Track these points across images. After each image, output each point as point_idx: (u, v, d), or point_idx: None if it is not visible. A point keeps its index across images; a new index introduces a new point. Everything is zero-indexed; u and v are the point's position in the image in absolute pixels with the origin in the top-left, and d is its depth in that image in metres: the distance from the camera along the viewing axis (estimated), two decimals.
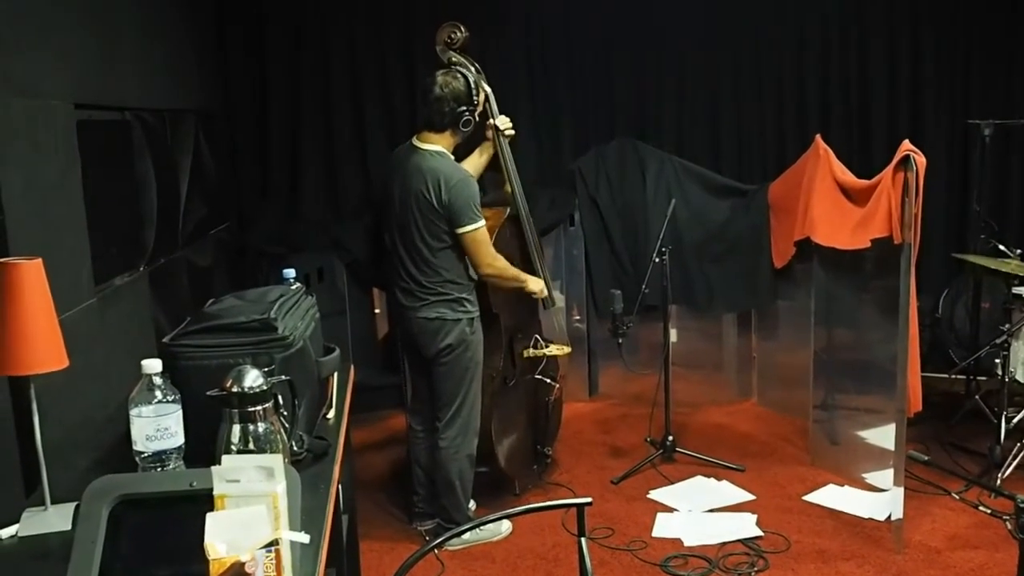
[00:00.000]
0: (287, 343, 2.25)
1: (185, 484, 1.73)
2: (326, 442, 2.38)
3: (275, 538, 1.52)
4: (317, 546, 1.87)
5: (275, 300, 2.41)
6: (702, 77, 5.91)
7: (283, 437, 2.06)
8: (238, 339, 2.22)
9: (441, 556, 3.96)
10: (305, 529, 1.72)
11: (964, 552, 3.90)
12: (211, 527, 1.49)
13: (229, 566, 1.44)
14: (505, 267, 3.99)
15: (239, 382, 1.97)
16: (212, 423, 1.97)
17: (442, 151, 3.83)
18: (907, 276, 3.88)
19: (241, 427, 1.95)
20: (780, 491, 4.55)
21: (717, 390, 5.86)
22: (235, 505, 1.58)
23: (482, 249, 3.85)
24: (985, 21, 5.81)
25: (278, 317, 2.30)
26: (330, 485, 2.21)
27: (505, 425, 4.34)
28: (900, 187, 3.91)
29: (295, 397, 2.18)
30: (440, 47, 4.15)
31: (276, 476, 1.60)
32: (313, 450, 2.31)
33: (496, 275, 3.96)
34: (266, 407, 1.99)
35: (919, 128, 5.83)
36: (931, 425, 5.15)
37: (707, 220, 5.58)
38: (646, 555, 3.95)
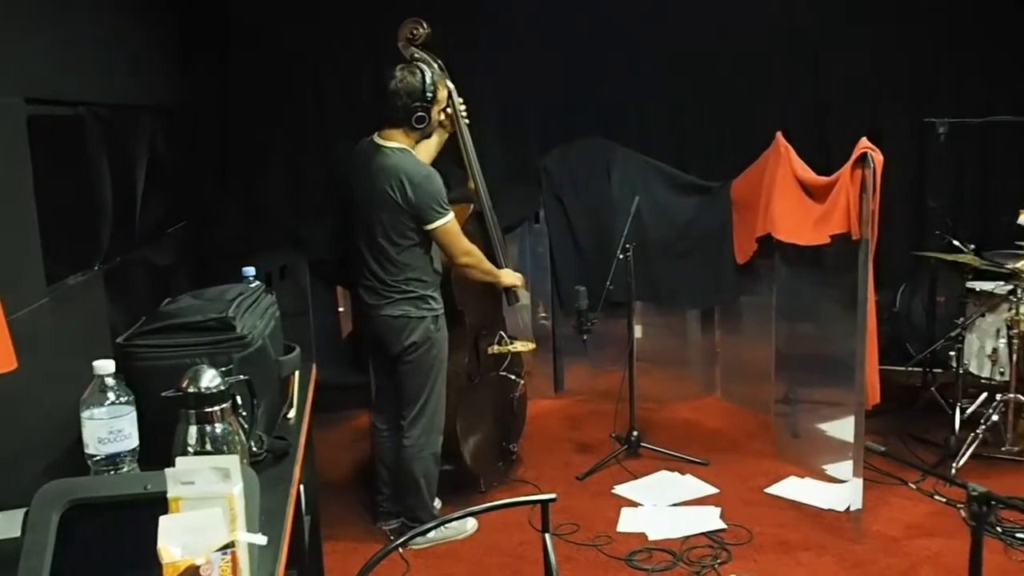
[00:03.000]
0: (246, 342, 2.23)
1: (139, 487, 1.71)
2: (286, 442, 2.36)
3: (231, 540, 1.51)
4: (276, 547, 1.85)
5: (233, 299, 2.39)
6: (667, 76, 5.93)
7: (242, 438, 2.04)
8: (195, 338, 2.20)
9: (406, 555, 3.95)
10: (264, 531, 1.71)
11: (921, 540, 3.96)
12: (164, 530, 1.47)
13: (183, 570, 1.43)
14: (481, 257, 4.01)
15: (196, 382, 1.95)
16: (168, 425, 1.95)
17: (404, 148, 3.81)
18: (865, 271, 3.92)
19: (198, 428, 1.93)
20: (743, 484, 4.59)
21: (682, 385, 5.89)
22: (190, 507, 1.57)
23: (455, 241, 3.85)
24: (942, 21, 5.88)
25: (236, 316, 2.28)
26: (290, 486, 2.19)
27: (470, 422, 4.33)
28: (858, 184, 3.95)
29: (254, 397, 2.17)
30: (402, 43, 4.14)
31: (232, 477, 1.58)
32: (273, 450, 2.29)
33: (472, 265, 3.97)
34: (224, 407, 1.97)
35: (878, 126, 5.89)
36: (890, 417, 5.22)
37: (671, 217, 5.61)
38: (611, 550, 3.97)
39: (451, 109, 4.12)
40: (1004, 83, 5.86)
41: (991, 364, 4.84)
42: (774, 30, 5.86)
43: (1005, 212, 5.83)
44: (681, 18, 5.80)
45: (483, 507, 2.50)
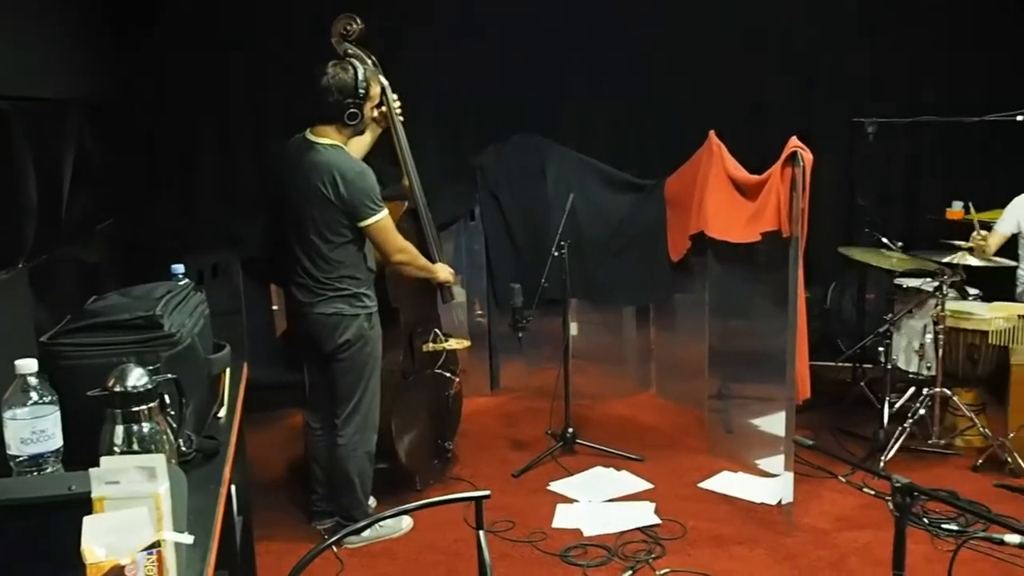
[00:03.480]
0: (173, 340, 2.20)
1: (63, 488, 1.68)
2: (216, 441, 2.33)
3: (157, 540, 1.48)
4: (205, 548, 1.83)
5: (161, 297, 2.35)
6: (603, 74, 5.98)
7: (170, 437, 2.00)
8: (121, 337, 2.16)
9: (341, 555, 3.93)
10: (192, 530, 1.69)
11: (850, 532, 4.04)
12: (88, 531, 1.45)
13: (108, 570, 1.40)
14: (415, 254, 4.00)
15: (122, 381, 1.91)
16: (95, 425, 1.91)
17: (335, 144, 3.78)
18: (795, 268, 3.99)
19: (124, 428, 1.90)
20: (677, 479, 4.64)
21: (617, 382, 5.94)
22: (116, 507, 1.54)
23: (389, 238, 3.83)
24: (869, 23, 6.01)
25: (164, 314, 2.25)
26: (220, 485, 2.17)
27: (405, 420, 4.32)
28: (788, 183, 4.02)
29: (182, 396, 2.13)
30: (336, 39, 4.10)
31: (159, 476, 1.56)
32: (203, 450, 2.26)
33: (407, 262, 3.95)
34: (151, 407, 1.94)
35: (809, 126, 6.00)
36: (821, 412, 5.33)
37: (607, 215, 5.64)
38: (546, 546, 3.98)
39: (385, 106, 4.10)
40: (932, 84, 6.02)
41: (918, 359, 4.96)
42: (709, 31, 5.94)
43: (932, 210, 6.02)
44: (617, 18, 5.85)
45: (416, 504, 2.50)
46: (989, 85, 5.84)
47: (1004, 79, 5.86)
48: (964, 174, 6.16)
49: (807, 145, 4.06)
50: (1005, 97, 5.14)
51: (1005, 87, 5.70)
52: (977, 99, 5.47)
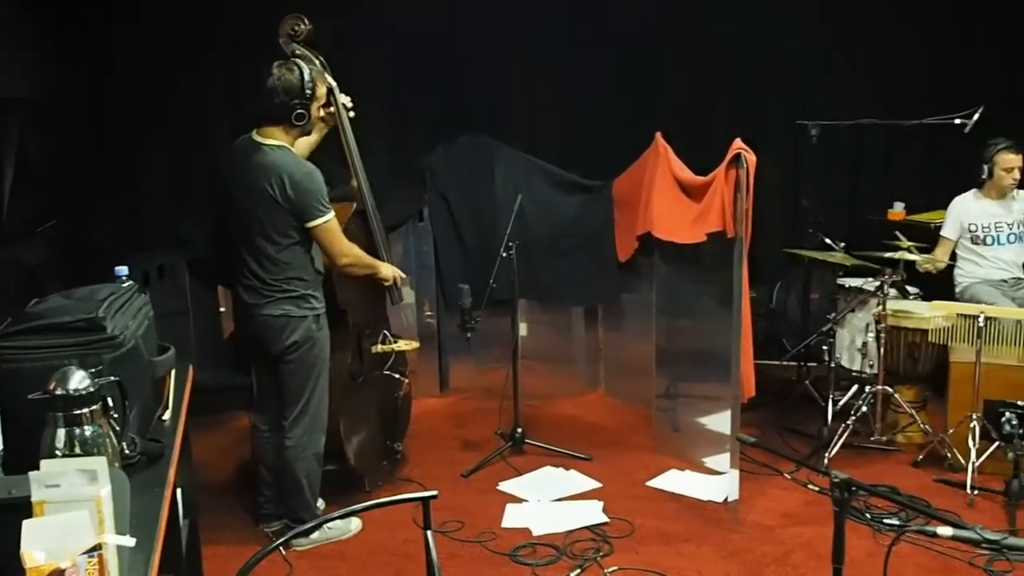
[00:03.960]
0: (116, 343, 2.18)
1: (3, 492, 1.66)
2: (160, 444, 2.32)
3: (98, 543, 1.48)
4: (149, 551, 1.82)
5: (104, 299, 2.33)
6: (551, 76, 6.01)
7: (113, 440, 2.00)
8: (63, 340, 2.14)
9: (289, 557, 3.91)
10: (136, 534, 1.68)
11: (795, 528, 4.10)
12: (28, 534, 1.44)
13: (48, 574, 1.39)
14: (360, 255, 3.99)
15: (63, 384, 1.90)
16: (36, 428, 1.89)
17: (282, 145, 3.76)
18: (739, 268, 4.05)
19: (66, 431, 1.89)
20: (625, 478, 4.68)
21: (566, 382, 5.97)
22: (56, 511, 1.53)
23: (335, 240, 3.82)
24: (815, 25, 6.12)
25: (107, 316, 2.23)
26: (164, 488, 2.16)
27: (354, 422, 4.31)
28: (732, 184, 4.08)
29: (125, 399, 2.12)
30: (283, 39, 4.09)
31: (100, 479, 1.55)
32: (147, 453, 2.25)
33: (354, 264, 3.94)
34: (93, 409, 1.93)
35: (756, 128, 6.09)
36: (766, 410, 5.42)
37: (555, 215, 5.67)
38: (495, 546, 3.99)
39: (333, 107, 4.09)
40: (875, 88, 6.14)
41: (861, 357, 5.05)
42: (656, 33, 6.00)
43: (874, 211, 6.14)
44: (565, 19, 5.89)
45: (364, 505, 2.50)
46: (929, 89, 5.96)
47: (944, 83, 5.99)
48: (905, 176, 6.29)
49: (753, 147, 4.12)
50: (945, 101, 5.26)
51: (945, 91, 5.83)
52: (918, 102, 5.58)
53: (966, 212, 5.37)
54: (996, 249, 5.33)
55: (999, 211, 5.31)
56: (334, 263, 3.87)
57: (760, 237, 6.08)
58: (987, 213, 5.33)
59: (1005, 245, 5.33)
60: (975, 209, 5.35)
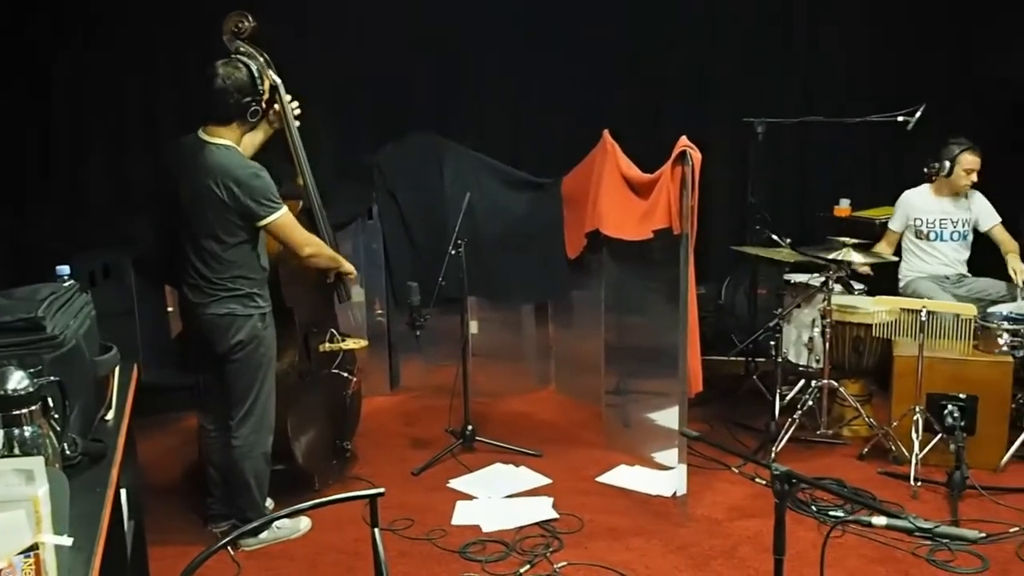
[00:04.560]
0: (57, 343, 2.16)
1: None
2: (103, 444, 2.29)
3: (35, 543, 1.46)
4: (90, 551, 1.80)
5: (44, 298, 2.30)
6: (500, 73, 6.02)
7: (53, 440, 1.97)
8: (2, 340, 2.12)
9: (238, 557, 3.89)
10: (77, 534, 1.66)
11: (742, 521, 4.15)
12: None
13: None
14: (322, 244, 3.98)
15: (2, 384, 1.88)
16: None
17: (229, 144, 3.73)
18: (686, 265, 4.08)
19: (5, 431, 1.87)
20: (575, 474, 4.70)
21: (517, 379, 5.99)
22: None
23: (295, 233, 3.81)
24: (763, 25, 6.19)
25: (47, 316, 2.21)
26: (107, 488, 2.13)
27: (302, 421, 4.28)
28: (678, 181, 4.11)
29: (66, 399, 2.09)
30: (227, 36, 4.04)
31: (37, 479, 1.54)
32: (89, 453, 2.22)
33: (317, 253, 3.93)
34: (32, 410, 1.90)
35: (704, 125, 6.16)
36: (716, 405, 5.49)
37: (505, 213, 5.68)
38: (445, 543, 4.00)
39: (279, 105, 4.06)
40: (821, 86, 6.23)
41: (807, 352, 5.12)
42: (605, 31, 6.04)
43: (821, 208, 6.23)
44: (514, 17, 5.90)
45: (310, 504, 2.49)
46: (874, 87, 6.06)
47: (888, 81, 6.09)
48: (851, 173, 6.39)
49: (701, 145, 4.15)
50: (889, 98, 5.35)
51: (888, 89, 5.93)
52: (863, 100, 5.68)
53: (914, 206, 5.47)
54: (939, 245, 5.44)
55: (947, 208, 5.42)
56: (297, 254, 3.85)
57: (708, 234, 6.17)
58: (934, 209, 5.43)
59: (948, 242, 5.44)
60: (923, 204, 5.45)
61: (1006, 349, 4.63)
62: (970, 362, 4.59)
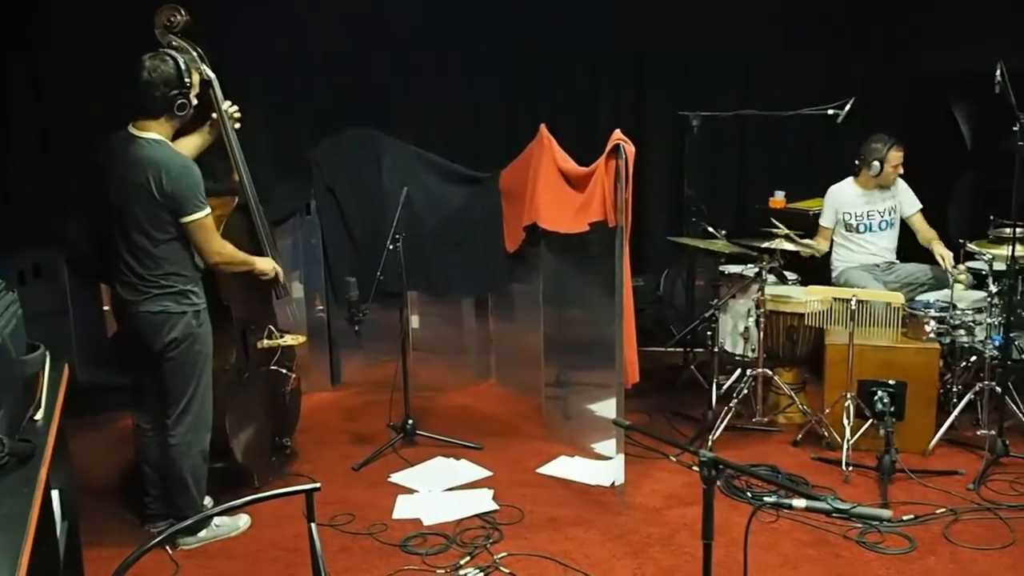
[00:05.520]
0: None
1: None
2: (31, 444, 2.27)
3: None
4: (17, 553, 1.79)
5: None
6: (437, 68, 6.02)
7: None
8: None
9: (176, 556, 3.85)
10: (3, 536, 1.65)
11: (679, 509, 4.22)
12: None
13: None
14: (233, 253, 3.93)
15: None
16: None
17: (160, 139, 3.69)
18: (621, 257, 4.12)
19: None
20: (516, 466, 4.73)
21: (458, 373, 6.00)
22: None
23: (209, 237, 3.76)
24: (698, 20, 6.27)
25: None
26: (35, 489, 2.12)
27: (240, 418, 4.26)
28: (612, 174, 4.15)
29: None
30: (159, 30, 4.00)
31: None
32: (16, 453, 2.20)
33: (225, 263, 3.89)
34: None
35: (640, 119, 6.23)
36: (655, 395, 5.57)
37: (443, 207, 5.69)
38: (386, 537, 4.00)
39: (213, 101, 4.02)
40: (756, 80, 6.33)
41: (743, 342, 5.20)
42: (543, 27, 6.07)
43: (757, 200, 6.32)
44: (452, 13, 5.90)
45: (244, 500, 2.49)
46: (807, 82, 6.16)
47: (820, 76, 6.20)
48: (785, 165, 6.50)
49: (638, 138, 4.20)
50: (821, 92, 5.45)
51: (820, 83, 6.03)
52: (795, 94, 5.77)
53: (841, 201, 5.57)
54: (869, 236, 5.55)
55: (873, 200, 5.53)
56: (206, 260, 3.81)
57: (646, 226, 6.27)
58: (861, 202, 5.53)
59: (877, 232, 5.55)
60: (850, 198, 5.55)
61: (933, 336, 4.76)
62: (899, 349, 4.70)
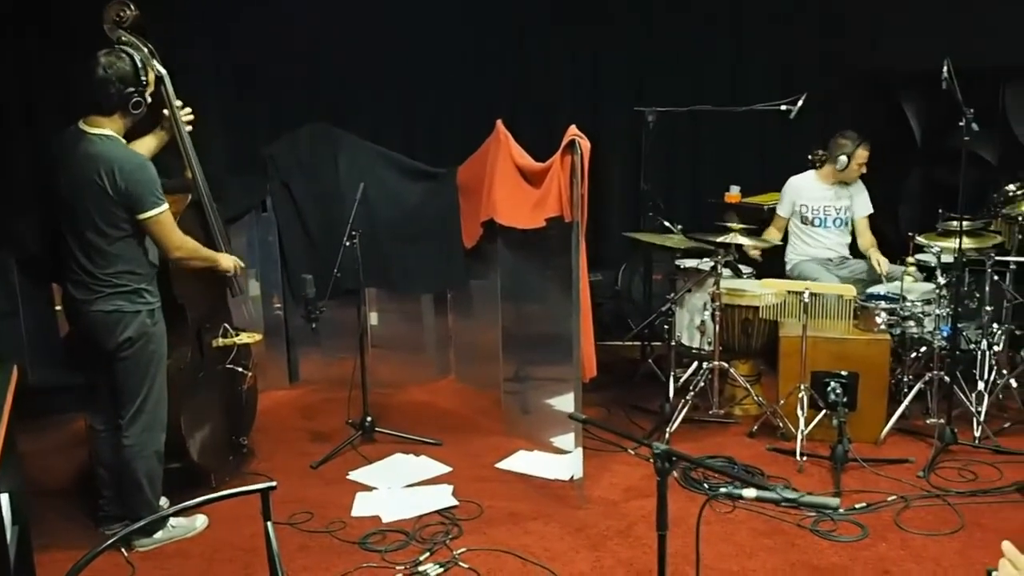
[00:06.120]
0: None
1: None
2: None
3: None
4: None
5: None
6: (394, 64, 6.00)
7: None
8: None
9: (132, 558, 3.82)
10: None
11: (638, 501, 4.25)
12: None
13: None
14: (196, 248, 3.91)
15: None
16: None
17: (112, 135, 3.65)
18: (577, 252, 4.13)
19: None
20: (475, 461, 4.74)
21: (417, 369, 6.00)
22: None
23: (169, 232, 3.73)
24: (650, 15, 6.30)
25: None
26: None
27: (196, 417, 4.22)
28: (568, 170, 4.16)
29: None
30: (108, 26, 3.95)
31: None
32: None
33: (188, 257, 3.86)
34: None
35: (597, 115, 6.26)
36: (614, 389, 5.61)
37: (401, 203, 5.67)
38: (345, 535, 3.99)
39: (166, 98, 3.97)
40: (711, 75, 6.38)
41: (700, 335, 5.25)
42: (498, 21, 6.08)
43: (712, 194, 6.38)
44: (407, 8, 5.89)
45: (198, 500, 2.47)
46: (760, 78, 6.23)
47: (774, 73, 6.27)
48: (740, 160, 6.56)
49: (595, 134, 4.21)
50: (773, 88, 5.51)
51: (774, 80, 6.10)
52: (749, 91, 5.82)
53: (799, 192, 5.63)
54: (823, 231, 5.62)
55: (830, 195, 5.59)
56: (168, 256, 3.78)
57: (605, 221, 6.30)
58: (819, 196, 5.60)
59: (831, 228, 5.62)
60: (808, 191, 5.61)
61: (884, 327, 4.83)
62: (851, 340, 4.77)
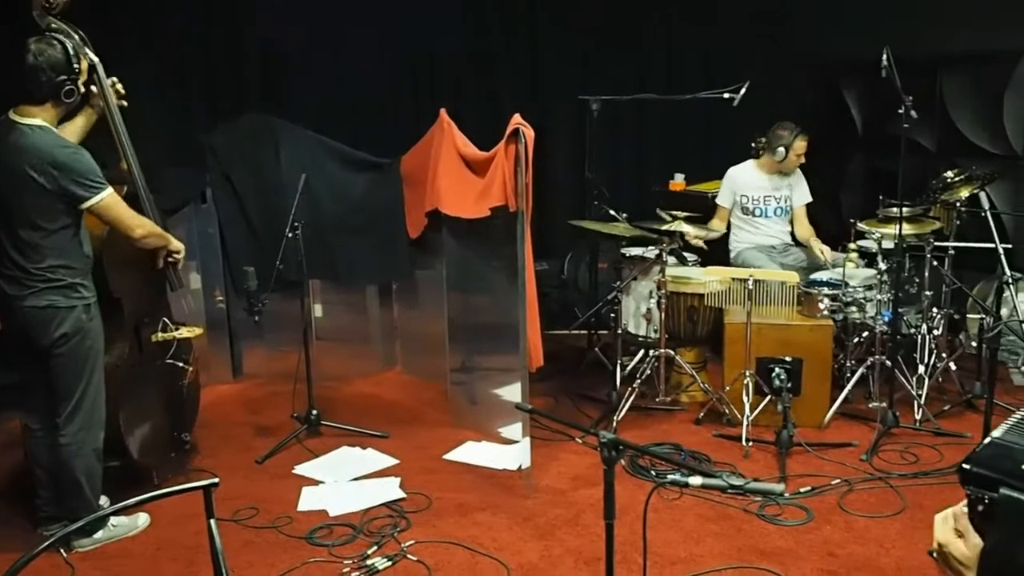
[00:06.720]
0: None
1: None
2: None
3: None
4: None
5: None
6: (337, 52, 5.94)
7: None
8: None
9: (72, 559, 3.73)
10: None
11: (586, 490, 4.25)
12: None
13: None
14: (152, 225, 3.87)
15: None
16: None
17: (44, 125, 3.55)
18: (523, 241, 4.12)
19: None
20: (423, 453, 4.71)
21: (363, 361, 5.95)
22: None
23: (123, 213, 3.68)
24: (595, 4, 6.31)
25: None
26: None
27: (136, 414, 4.14)
28: (512, 159, 4.14)
29: None
30: (37, 12, 3.82)
31: None
32: None
33: (149, 233, 3.82)
34: None
35: (542, 103, 6.25)
36: (561, 378, 5.61)
37: (344, 194, 5.61)
38: (291, 530, 3.94)
39: (98, 86, 3.88)
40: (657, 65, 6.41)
41: (646, 323, 5.26)
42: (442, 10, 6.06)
43: (657, 182, 6.41)
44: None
45: (137, 499, 2.41)
46: (703, 66, 6.27)
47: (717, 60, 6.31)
48: (684, 148, 6.60)
49: (540, 122, 4.20)
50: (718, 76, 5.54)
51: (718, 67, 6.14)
52: (692, 79, 5.86)
53: (739, 183, 5.66)
54: (764, 220, 5.66)
55: (770, 185, 5.63)
56: (130, 236, 3.72)
57: (549, 210, 6.30)
58: (759, 186, 5.63)
59: (772, 218, 5.67)
60: (748, 181, 5.65)
61: (826, 313, 4.89)
62: (794, 327, 4.82)
